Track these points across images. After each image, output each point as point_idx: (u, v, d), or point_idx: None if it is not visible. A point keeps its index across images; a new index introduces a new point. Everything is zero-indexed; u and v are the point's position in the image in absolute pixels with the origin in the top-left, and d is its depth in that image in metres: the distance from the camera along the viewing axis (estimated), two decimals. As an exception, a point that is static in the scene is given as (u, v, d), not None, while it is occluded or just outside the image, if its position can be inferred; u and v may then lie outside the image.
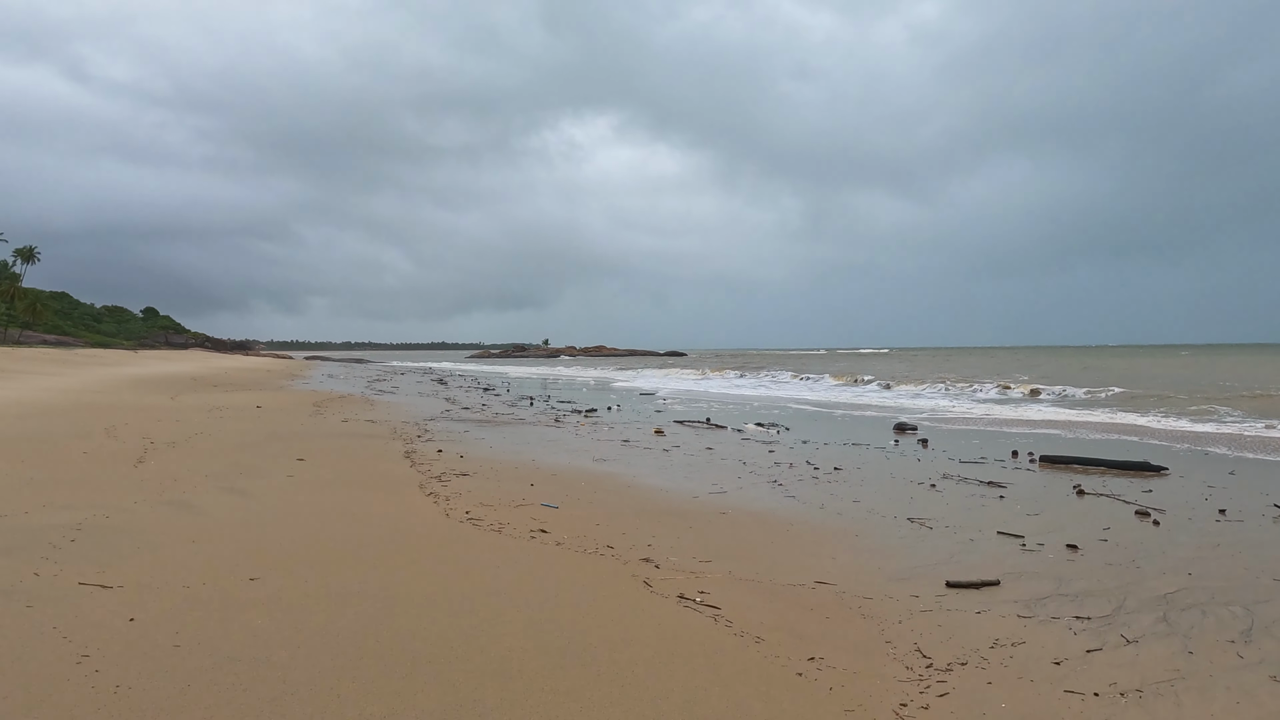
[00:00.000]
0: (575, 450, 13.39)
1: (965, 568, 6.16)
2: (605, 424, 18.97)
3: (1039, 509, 8.99)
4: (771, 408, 25.79)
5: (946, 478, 11.28)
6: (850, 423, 20.85)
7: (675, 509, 8.23)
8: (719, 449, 14.15)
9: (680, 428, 18.47)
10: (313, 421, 16.48)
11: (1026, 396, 28.35)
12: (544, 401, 27.71)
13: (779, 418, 21.69)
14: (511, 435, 15.65)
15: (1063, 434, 18.09)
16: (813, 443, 15.61)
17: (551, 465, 11.39)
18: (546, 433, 16.40)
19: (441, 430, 16.02)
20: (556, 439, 15.19)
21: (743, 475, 10.99)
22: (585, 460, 12.16)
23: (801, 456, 13.25)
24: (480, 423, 18.39)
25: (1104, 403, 25.10)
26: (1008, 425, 19.80)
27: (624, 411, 23.61)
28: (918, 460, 13.21)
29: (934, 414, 23.37)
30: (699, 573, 5.62)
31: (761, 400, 29.84)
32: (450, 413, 21.03)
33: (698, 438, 16.15)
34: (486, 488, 8.94)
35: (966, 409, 24.93)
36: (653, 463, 12.13)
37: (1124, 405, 23.82)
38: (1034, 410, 24.19)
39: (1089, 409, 23.65)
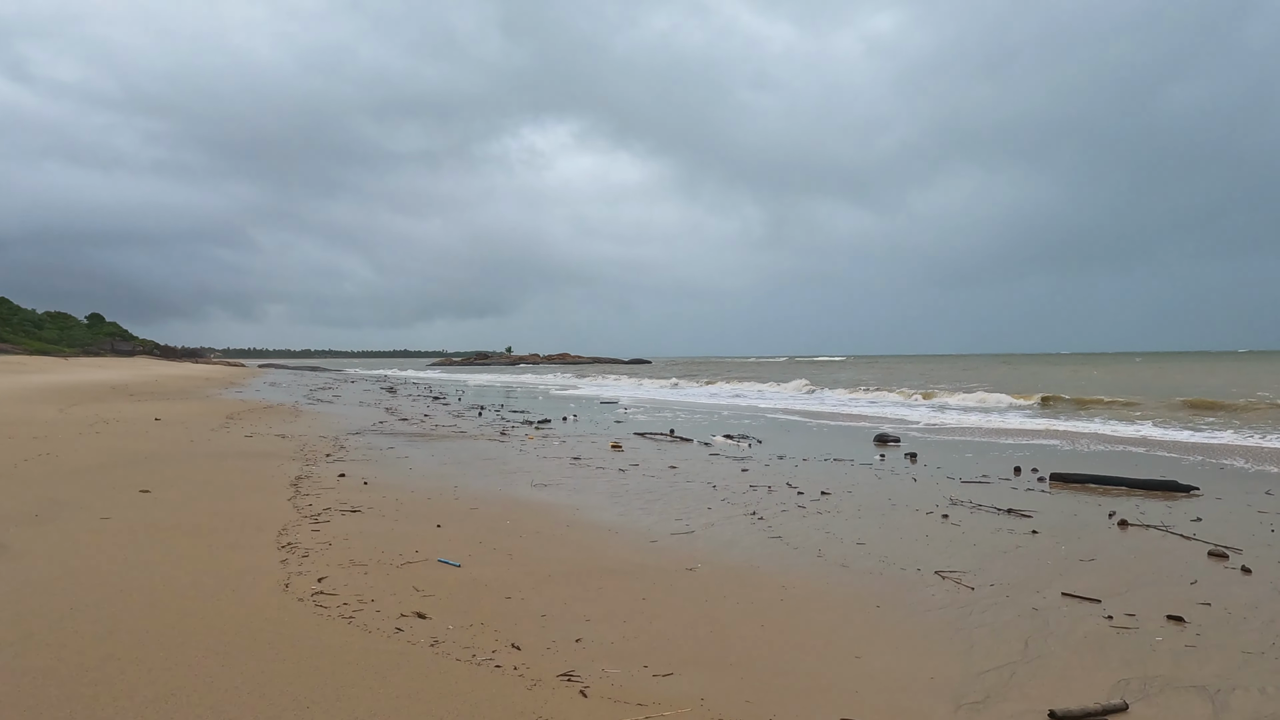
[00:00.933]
0: (513, 471, 11.10)
1: (1057, 670, 4.05)
2: (557, 437, 16.68)
3: (1088, 550, 6.98)
4: (739, 417, 23.75)
5: (955, 503, 9.26)
6: (825, 434, 18.87)
7: (624, 563, 6.00)
8: (684, 467, 11.97)
9: (641, 441, 16.26)
10: (210, 437, 13.89)
11: (1006, 406, 26.77)
12: (495, 411, 25.29)
13: (749, 428, 19.63)
14: (443, 452, 13.27)
15: (1059, 445, 16.32)
16: (789, 458, 13.54)
17: (477, 493, 9.08)
18: (486, 448, 14.05)
19: (361, 447, 13.57)
20: (496, 456, 12.86)
21: (713, 504, 8.82)
22: (522, 485, 9.88)
23: (780, 476, 11.15)
24: (413, 437, 15.94)
25: (1092, 412, 23.55)
26: (995, 436, 18.01)
27: (581, 422, 21.34)
28: (914, 480, 11.20)
29: (912, 424, 21.55)
30: (653, 703, 3.41)
31: (729, 409, 27.82)
32: (383, 425, 18.51)
33: (660, 453, 13.96)
34: (373, 533, 6.61)
35: (945, 418, 23.18)
36: (604, 487, 9.89)
37: (1114, 414, 22.26)
38: (1017, 420, 22.52)
39: (1076, 418, 22.05)
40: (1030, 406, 25.24)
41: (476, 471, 11.01)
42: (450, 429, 17.98)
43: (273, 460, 11.05)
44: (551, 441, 15.66)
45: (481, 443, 15.14)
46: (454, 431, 17.32)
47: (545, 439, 16.30)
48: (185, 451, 11.51)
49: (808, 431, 19.53)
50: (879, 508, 8.92)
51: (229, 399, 27.00)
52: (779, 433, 18.87)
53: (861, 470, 12.19)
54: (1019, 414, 23.68)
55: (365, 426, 17.84)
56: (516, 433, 17.44)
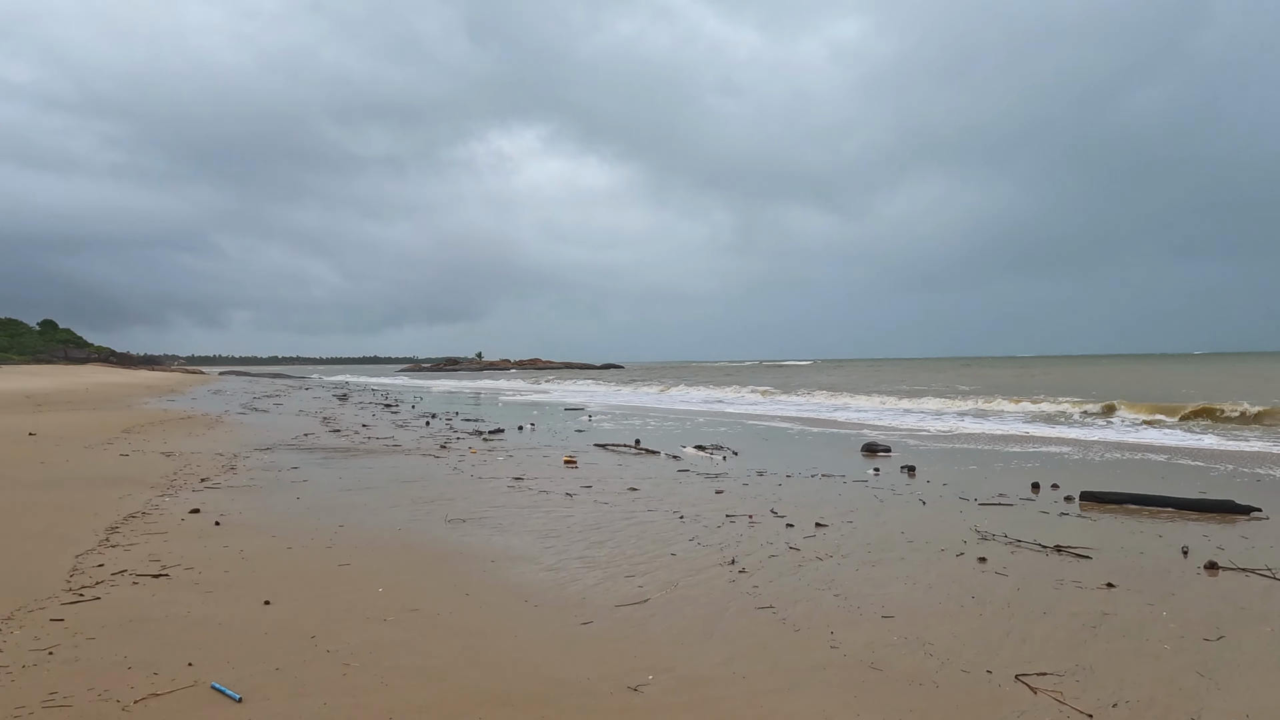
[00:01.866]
0: (432, 500, 8.78)
1: None
2: (505, 450, 14.36)
3: (1198, 617, 4.90)
4: (713, 424, 21.61)
5: (985, 537, 7.18)
6: (807, 443, 16.80)
7: (532, 676, 3.76)
8: (647, 489, 9.77)
9: (601, 454, 14.02)
10: (74, 456, 11.36)
11: (993, 409, 24.98)
12: (446, 420, 22.85)
13: (723, 437, 17.50)
14: (357, 473, 10.90)
15: (1068, 453, 14.42)
16: (770, 474, 11.41)
17: (367, 535, 6.77)
18: (414, 466, 11.70)
19: (258, 468, 11.14)
20: (420, 477, 10.53)
21: (679, 547, 6.61)
22: (434, 520, 7.58)
23: (762, 499, 8.99)
24: (333, 453, 13.52)
25: (1088, 416, 21.80)
26: (992, 443, 16.09)
27: (538, 432, 19.03)
28: (922, 503, 9.12)
29: (898, 430, 19.58)
30: None
31: (702, 416, 25.69)
32: (308, 438, 16.03)
33: (621, 470, 11.73)
34: (149, 621, 4.27)
35: (935, 425, 21.28)
36: (541, 522, 7.64)
37: (1125, 418, 20.52)
38: (1008, 425, 20.68)
39: (1079, 424, 20.24)
40: (1023, 412, 23.46)
41: (385, 500, 8.68)
42: (385, 442, 15.55)
43: (120, 489, 8.60)
44: (497, 456, 13.35)
45: (413, 459, 12.77)
46: (387, 445, 14.91)
47: (491, 452, 13.98)
48: (9, 477, 9.00)
49: (787, 440, 17.45)
50: (892, 545, 6.79)
51: (150, 409, 24.19)
52: (756, 442, 16.76)
53: (856, 489, 10.09)
54: (1015, 419, 21.84)
55: (284, 440, 15.34)
56: (460, 445, 15.08)
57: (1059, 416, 20.43)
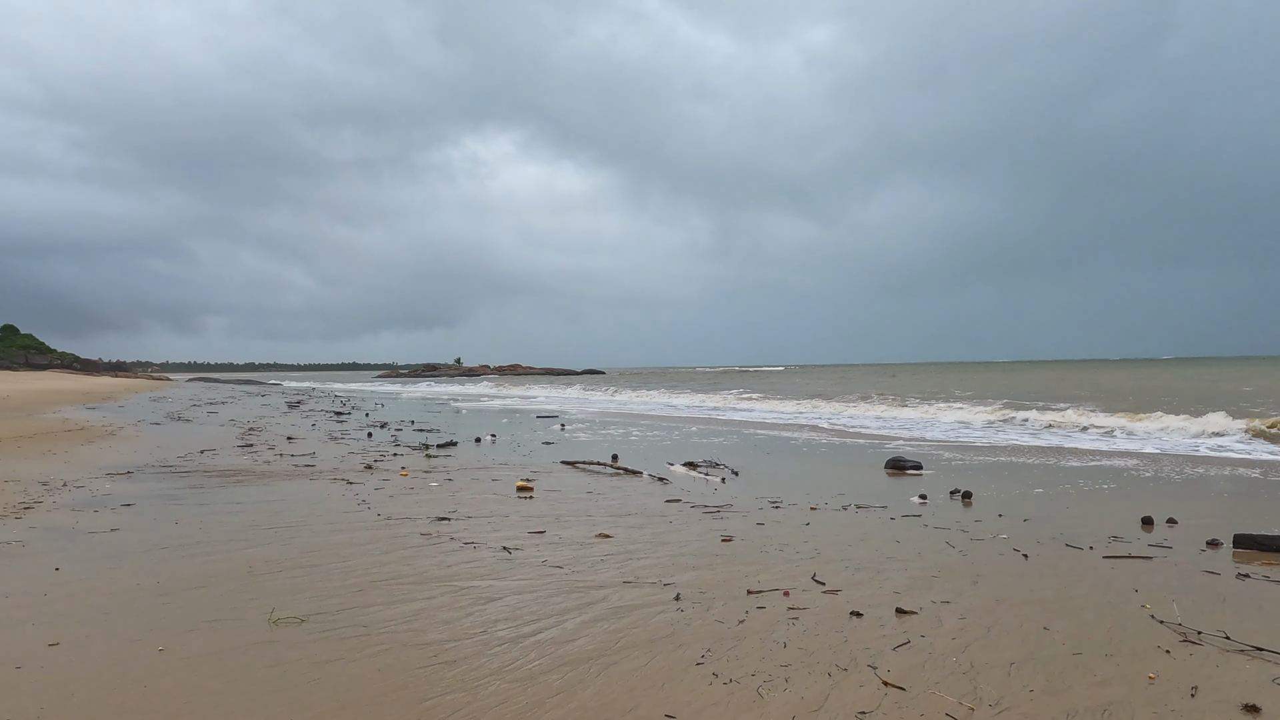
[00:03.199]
0: (279, 569, 5.62)
1: None
2: (449, 470, 11.21)
3: None
4: (705, 435, 18.57)
5: (1188, 638, 4.20)
6: (817, 457, 13.82)
7: None
8: (623, 534, 6.69)
9: (568, 475, 10.91)
10: None
11: (1005, 414, 22.22)
12: (396, 431, 19.60)
13: (717, 450, 14.46)
14: (213, 515, 7.69)
15: (1137, 468, 11.56)
16: (788, 504, 8.42)
17: (88, 664, 3.66)
18: (307, 501, 8.53)
19: (75, 504, 7.90)
20: (298, 521, 7.36)
21: (682, 686, 3.54)
22: (249, 621, 4.44)
23: (791, 554, 5.95)
24: (219, 477, 10.28)
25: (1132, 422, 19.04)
26: (1037, 455, 13.20)
27: (499, 444, 15.88)
28: (1023, 556, 6.15)
29: (921, 440, 16.69)
30: None
31: (690, 424, 22.65)
32: (206, 456, 12.76)
33: (590, 500, 8.64)
34: None
35: (957, 433, 18.42)
36: (438, 620, 4.52)
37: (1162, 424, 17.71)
38: (1027, 436, 17.87)
39: (1130, 436, 17.45)
40: (1066, 422, 20.69)
41: (197, 572, 5.51)
42: (299, 461, 12.33)
43: None
44: (431, 480, 10.19)
45: (317, 485, 9.58)
46: (297, 466, 11.68)
47: (428, 473, 10.82)
48: None
49: (792, 453, 14.45)
50: (1050, 662, 3.78)
51: (53, 418, 20.65)
52: (756, 456, 13.74)
53: (912, 530, 7.11)
54: (1044, 428, 19.00)
55: (170, 458, 12.06)
56: (393, 464, 11.91)
57: (1097, 426, 17.63)
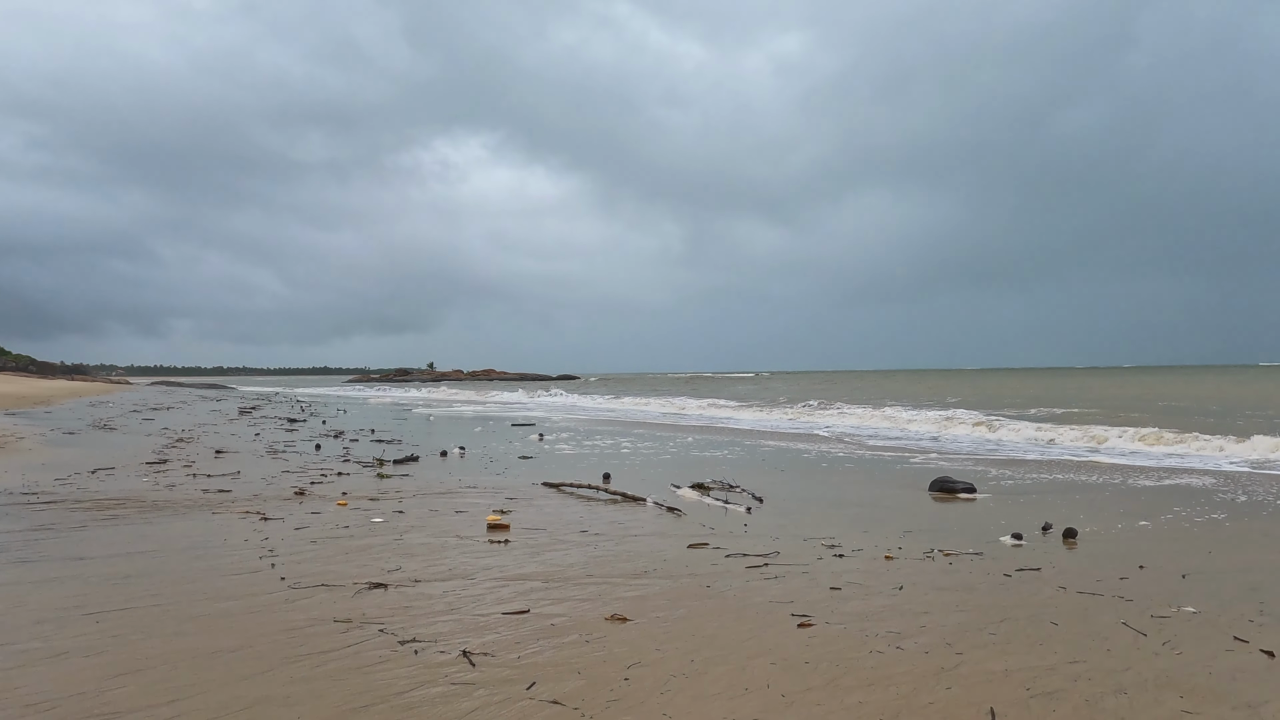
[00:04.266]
0: None
1: None
2: (403, 495, 8.79)
3: None
4: (703, 445, 16.29)
5: None
6: (845, 475, 11.61)
7: None
8: (645, 619, 4.39)
9: (554, 502, 8.55)
10: None
11: (1044, 438, 20.30)
12: (352, 440, 17.05)
13: (726, 466, 12.18)
14: (38, 572, 5.23)
15: (1216, 487, 9.52)
16: (846, 548, 6.20)
17: None
18: (201, 542, 6.09)
19: None
20: (154, 595, 4.94)
21: None
22: None
23: (916, 651, 3.67)
24: (89, 510, 7.73)
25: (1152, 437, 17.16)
26: (1101, 474, 11.14)
27: (469, 459, 13.45)
28: (1255, 646, 3.94)
29: (944, 454, 14.58)
30: None
31: (685, 433, 20.36)
32: (98, 477, 10.17)
33: (586, 545, 6.31)
34: None
35: (977, 447, 16.35)
36: None
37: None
38: (1059, 450, 15.89)
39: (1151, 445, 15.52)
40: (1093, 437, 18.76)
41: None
42: (213, 484, 9.80)
43: None
44: (375, 515, 7.77)
45: (220, 523, 7.11)
46: (206, 492, 9.15)
47: (376, 500, 8.41)
48: None
49: (811, 469, 12.22)
50: None
51: (-50, 426, 17.73)
52: (772, 474, 11.49)
53: (1047, 595, 4.92)
54: (1082, 441, 17.04)
55: (45, 481, 9.44)
56: (335, 487, 9.45)
57: (1152, 437, 15.65)
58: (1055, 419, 21.38)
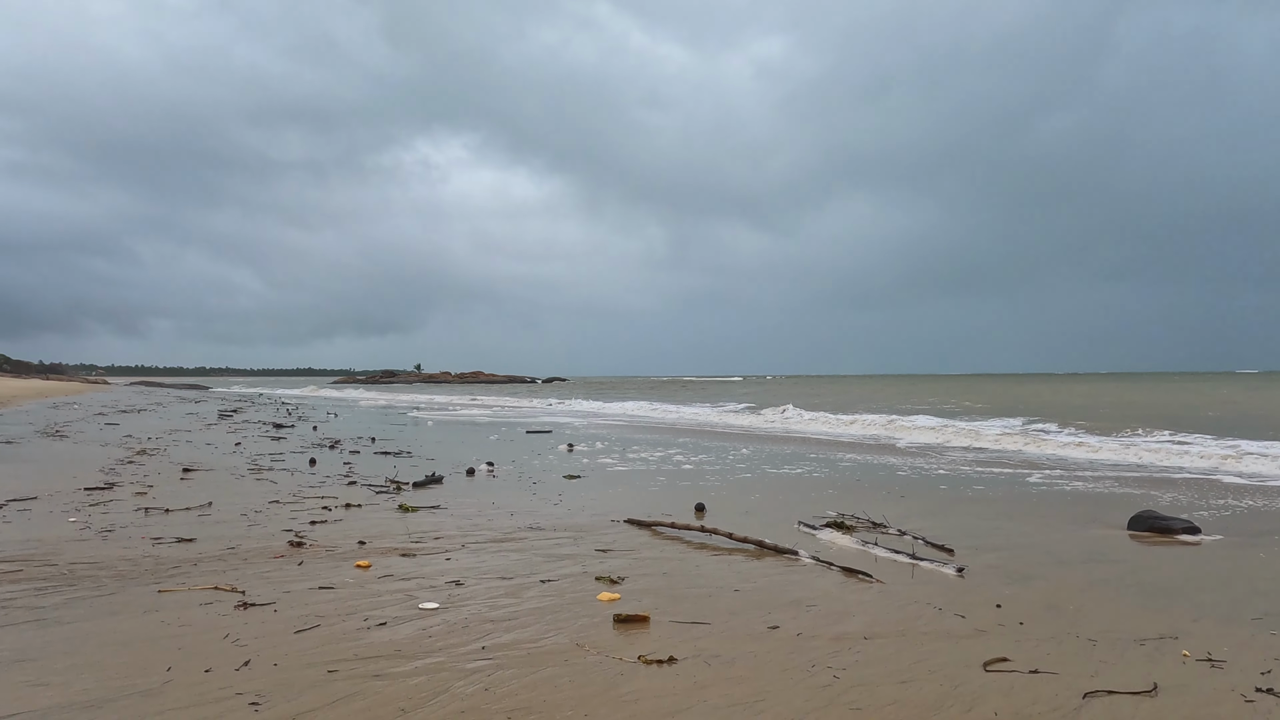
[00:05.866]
0: None
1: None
2: (442, 537, 6.00)
3: None
4: (771, 459, 13.53)
5: None
6: (983, 502, 8.88)
7: None
8: None
9: (667, 557, 5.79)
10: None
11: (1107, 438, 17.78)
12: (352, 452, 14.14)
13: (816, 484, 9.47)
14: None
15: None
16: (1223, 664, 3.46)
17: None
18: (105, 699, 3.30)
19: None
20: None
21: None
22: None
23: None
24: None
25: None
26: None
27: (500, 476, 10.62)
28: None
29: (1053, 466, 11.95)
30: None
31: (735, 439, 17.58)
32: (7, 513, 7.25)
33: (804, 667, 3.58)
34: None
35: (1119, 455, 13.73)
36: None
37: None
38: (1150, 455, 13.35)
39: None
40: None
41: None
42: (170, 527, 6.92)
43: None
44: (418, 582, 4.96)
45: (160, 625, 4.30)
46: (158, 543, 6.27)
47: (407, 558, 5.60)
48: None
49: (942, 495, 9.46)
50: None
51: None
52: (889, 500, 8.76)
53: None
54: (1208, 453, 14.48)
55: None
56: (345, 529, 6.62)
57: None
58: (1131, 430, 18.94)
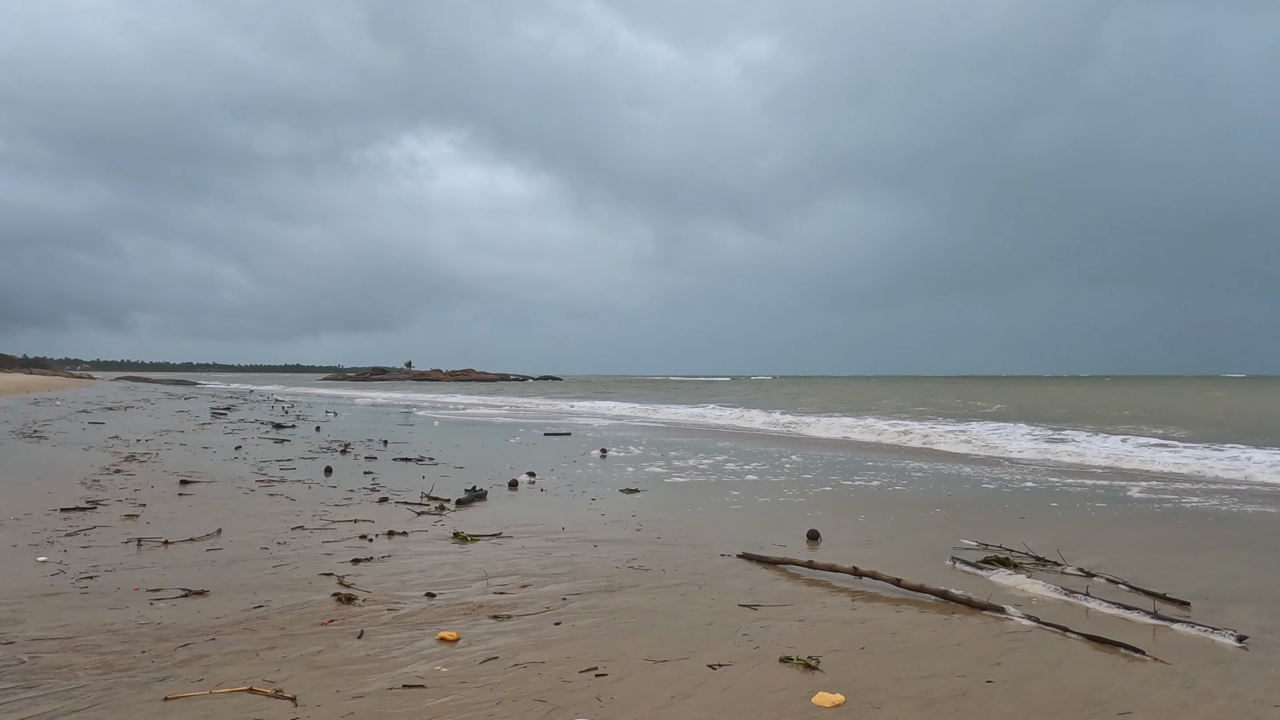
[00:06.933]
0: None
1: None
2: (526, 588, 4.46)
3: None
4: (841, 468, 12.01)
5: None
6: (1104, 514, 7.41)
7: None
8: None
9: (831, 612, 4.25)
10: None
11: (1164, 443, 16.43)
12: (368, 457, 12.49)
13: (939, 509, 7.97)
14: None
15: None
16: None
17: None
18: None
19: None
20: None
21: None
22: None
23: None
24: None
25: None
26: None
27: (551, 488, 9.04)
28: None
29: (1188, 480, 10.51)
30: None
31: (782, 444, 16.03)
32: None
33: None
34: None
35: (1227, 468, 12.29)
36: None
37: None
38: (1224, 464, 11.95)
39: None
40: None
41: None
42: (164, 577, 5.29)
43: None
44: (522, 657, 3.39)
45: None
46: (154, 605, 4.68)
47: (501, 619, 4.05)
48: None
49: (1092, 518, 7.99)
50: None
51: None
52: (1040, 518, 7.24)
53: None
54: None
55: None
56: (394, 567, 5.04)
57: None
58: (1200, 436, 17.62)
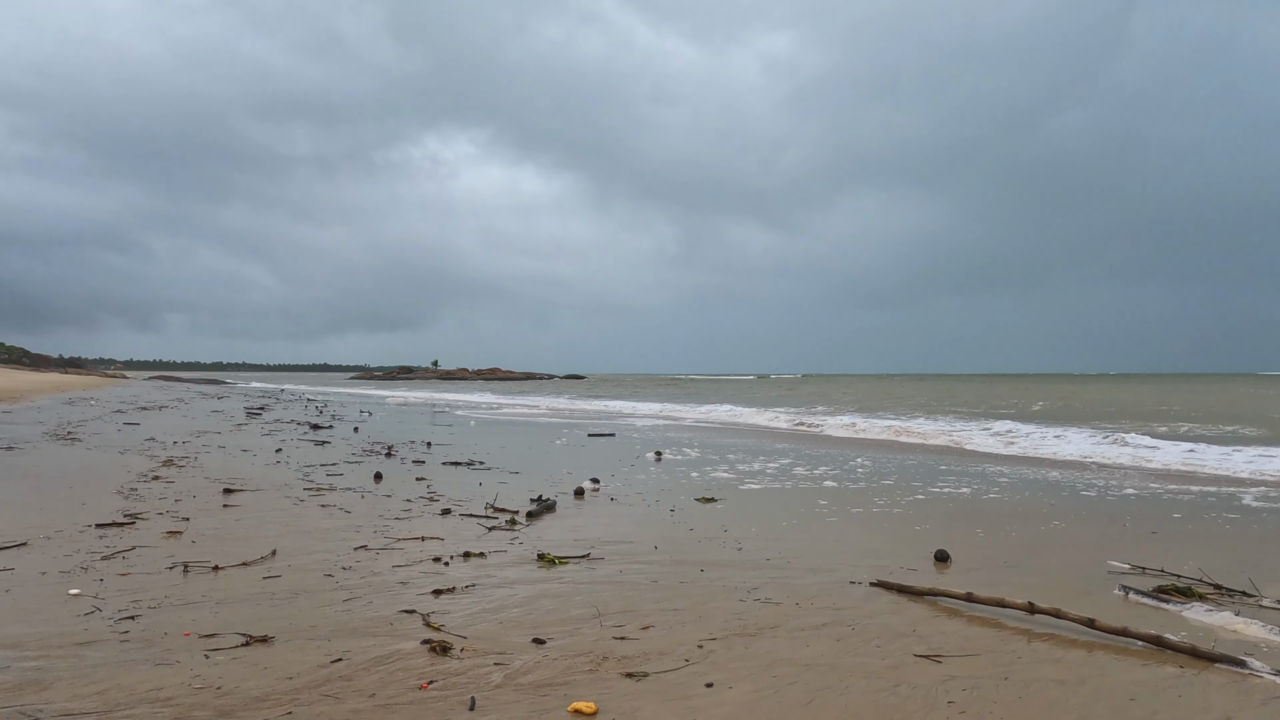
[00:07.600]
0: None
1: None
2: (659, 637, 3.54)
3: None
4: (918, 473, 10.94)
5: None
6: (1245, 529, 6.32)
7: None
8: None
9: (1033, 678, 3.27)
10: None
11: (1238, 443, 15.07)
12: (418, 462, 11.70)
13: (1058, 521, 6.91)
14: None
15: None
16: None
17: None
18: None
19: None
20: None
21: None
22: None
23: None
24: None
25: None
26: None
27: (622, 499, 8.12)
28: None
29: None
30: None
31: (844, 447, 14.95)
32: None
33: None
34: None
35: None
36: None
37: None
38: None
39: None
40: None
41: None
42: (216, 619, 4.46)
43: None
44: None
45: None
46: (210, 660, 3.83)
47: (643, 682, 3.14)
48: None
49: (1217, 521, 6.85)
50: None
51: None
52: (1174, 533, 6.14)
53: None
54: None
55: None
56: (480, 600, 4.16)
57: None
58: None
